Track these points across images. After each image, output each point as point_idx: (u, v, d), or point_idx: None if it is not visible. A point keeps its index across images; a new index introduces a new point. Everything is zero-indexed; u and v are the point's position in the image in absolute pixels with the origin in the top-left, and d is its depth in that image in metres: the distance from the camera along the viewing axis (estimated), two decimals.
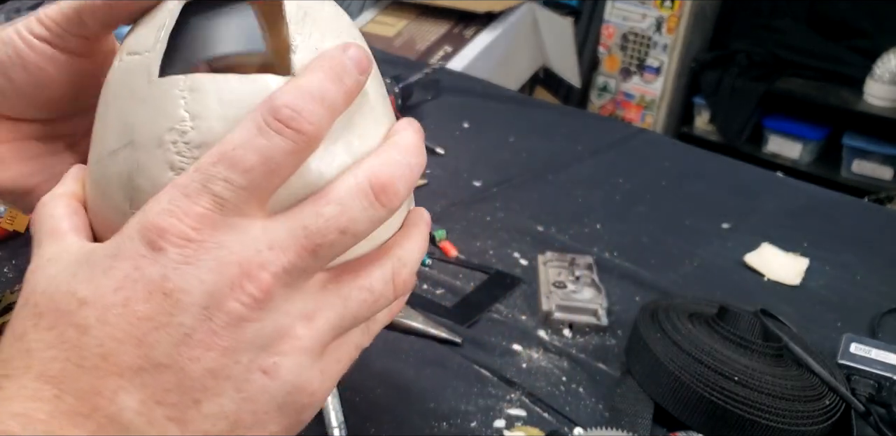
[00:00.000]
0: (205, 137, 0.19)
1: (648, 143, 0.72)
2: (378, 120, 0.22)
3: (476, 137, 0.69)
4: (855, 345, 0.39)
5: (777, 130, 1.68)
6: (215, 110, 0.19)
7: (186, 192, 0.17)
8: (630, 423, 0.34)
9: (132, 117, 0.20)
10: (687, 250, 0.52)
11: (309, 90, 0.18)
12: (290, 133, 0.18)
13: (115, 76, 0.22)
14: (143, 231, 0.17)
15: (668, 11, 1.67)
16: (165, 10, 0.22)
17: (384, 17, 1.68)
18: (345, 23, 0.23)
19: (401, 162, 0.20)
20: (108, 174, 0.21)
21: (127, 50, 0.22)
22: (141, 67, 0.21)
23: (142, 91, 0.20)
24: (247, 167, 0.17)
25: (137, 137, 0.20)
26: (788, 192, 0.63)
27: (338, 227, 0.18)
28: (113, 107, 0.21)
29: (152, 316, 0.17)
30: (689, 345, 0.35)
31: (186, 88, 0.19)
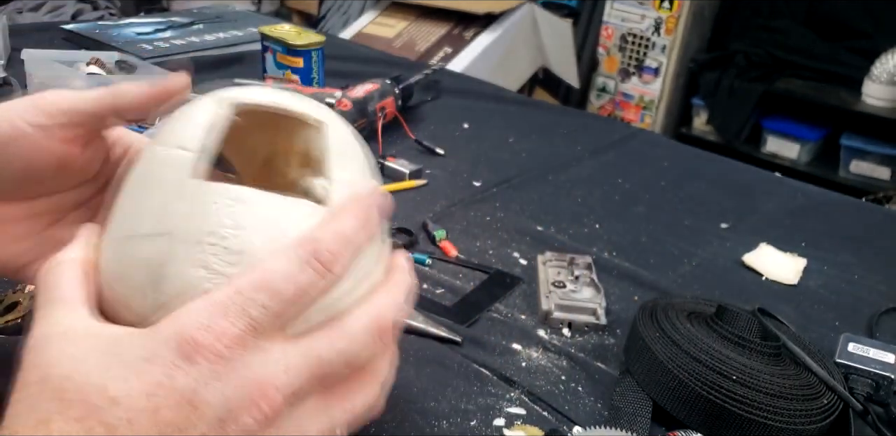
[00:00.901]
0: (243, 247, 0.21)
1: (647, 143, 0.72)
2: (382, 249, 0.25)
3: (476, 137, 0.70)
4: (853, 344, 0.39)
5: (775, 131, 1.68)
6: (257, 225, 0.21)
7: (226, 312, 0.19)
8: (629, 422, 0.34)
9: (173, 210, 0.21)
10: (685, 250, 0.52)
11: (346, 236, 0.21)
12: (327, 273, 0.21)
13: (155, 164, 0.23)
14: (181, 342, 0.19)
15: (666, 12, 1.67)
16: (217, 114, 0.23)
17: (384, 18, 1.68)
18: (370, 162, 0.26)
19: (400, 304, 0.24)
20: (135, 255, 0.22)
21: (173, 143, 0.23)
22: (187, 164, 0.22)
23: (188, 188, 0.22)
24: (284, 298, 0.20)
25: (176, 231, 0.21)
26: (787, 192, 0.63)
27: (346, 360, 0.22)
28: (152, 194, 0.22)
29: (177, 423, 0.18)
30: (688, 344, 0.35)
31: (234, 198, 0.21)
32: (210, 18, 0.95)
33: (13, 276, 0.28)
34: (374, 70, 0.77)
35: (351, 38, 1.58)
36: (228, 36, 0.88)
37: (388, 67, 0.82)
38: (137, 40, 0.83)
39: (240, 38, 0.88)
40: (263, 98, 0.24)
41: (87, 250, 0.23)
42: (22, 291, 0.39)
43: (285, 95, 0.25)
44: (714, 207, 0.59)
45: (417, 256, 0.47)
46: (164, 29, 0.88)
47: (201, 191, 0.21)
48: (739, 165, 0.68)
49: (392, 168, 0.59)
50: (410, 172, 0.58)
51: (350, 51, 0.95)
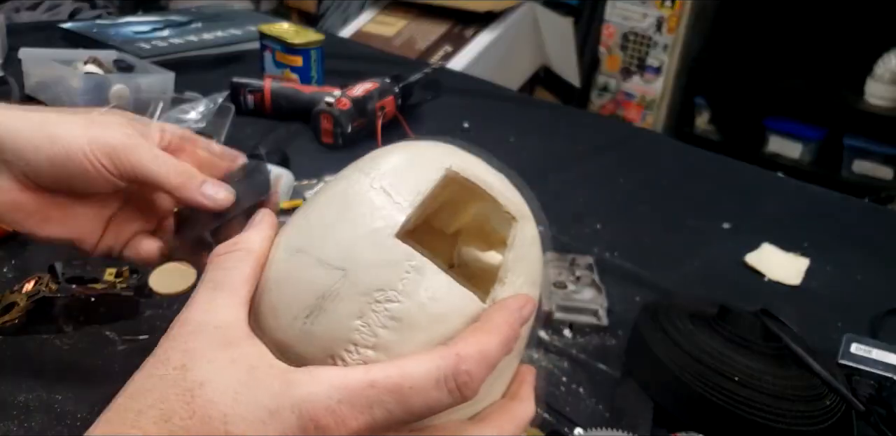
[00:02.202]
0: (402, 315, 0.21)
1: (649, 142, 0.72)
2: (515, 359, 0.25)
3: (476, 136, 0.69)
4: (855, 345, 0.39)
5: (777, 130, 1.68)
6: (422, 299, 0.22)
7: (354, 402, 0.20)
8: (630, 423, 0.34)
9: (357, 251, 0.22)
10: (687, 250, 0.52)
11: (488, 357, 0.21)
12: (458, 395, 0.21)
13: (360, 194, 0.23)
14: (303, 413, 0.20)
15: (668, 11, 1.67)
16: (433, 175, 0.24)
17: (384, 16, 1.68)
18: (541, 267, 0.27)
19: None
20: (304, 276, 0.22)
21: (381, 182, 0.23)
22: (392, 215, 0.22)
23: (380, 238, 0.22)
24: (410, 409, 0.20)
25: (352, 273, 0.22)
26: (789, 192, 0.63)
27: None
28: (346, 224, 0.22)
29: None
30: (690, 345, 0.35)
31: (414, 267, 0.22)
32: (208, 17, 0.95)
33: (71, 243, 0.31)
34: (374, 69, 0.77)
35: (350, 36, 1.58)
36: (227, 35, 0.88)
37: (388, 66, 0.82)
38: (135, 39, 0.83)
39: (238, 36, 0.88)
40: (482, 177, 0.25)
41: (264, 246, 0.24)
42: (20, 291, 0.38)
43: (495, 178, 0.26)
44: (716, 207, 0.58)
45: None
46: (161, 28, 0.88)
47: (391, 246, 0.22)
48: (741, 165, 0.68)
49: None
50: None
51: (349, 49, 0.94)
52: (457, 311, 0.22)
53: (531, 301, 0.23)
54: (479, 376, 0.21)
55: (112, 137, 0.28)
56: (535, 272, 0.25)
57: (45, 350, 0.36)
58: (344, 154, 0.63)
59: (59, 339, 0.37)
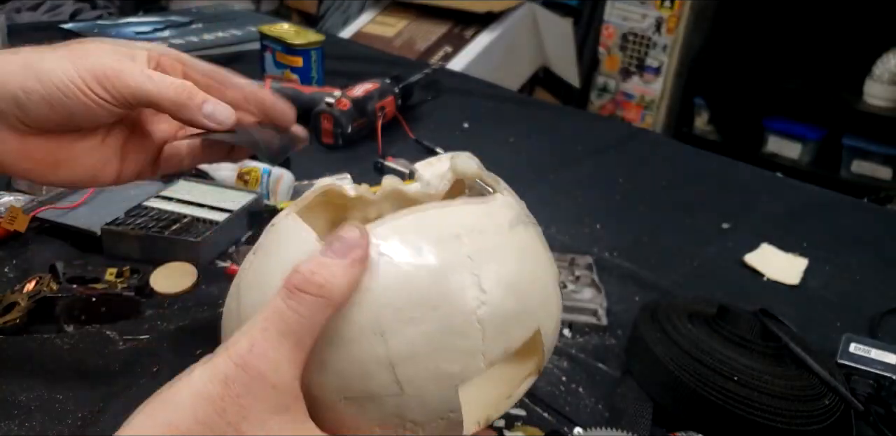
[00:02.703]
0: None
1: (648, 143, 0.72)
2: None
3: (476, 137, 0.69)
4: (854, 345, 0.39)
5: (776, 131, 1.68)
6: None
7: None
8: (630, 422, 0.34)
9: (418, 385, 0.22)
10: (687, 250, 0.52)
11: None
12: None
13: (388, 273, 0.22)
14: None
15: (667, 12, 1.67)
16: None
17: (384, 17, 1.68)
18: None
19: None
20: (364, 370, 0.21)
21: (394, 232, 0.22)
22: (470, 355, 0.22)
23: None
24: None
25: (408, 397, 0.21)
26: (788, 192, 0.63)
27: None
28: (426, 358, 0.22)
29: None
30: (689, 345, 0.35)
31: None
32: (209, 17, 0.95)
33: (88, 184, 0.31)
34: (374, 69, 0.77)
35: (350, 37, 1.58)
36: (227, 35, 0.88)
37: (388, 67, 0.82)
38: (136, 39, 0.83)
39: (239, 37, 0.88)
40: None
41: (348, 292, 0.21)
42: (21, 291, 0.38)
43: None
44: (715, 207, 0.58)
45: None
46: (162, 28, 0.88)
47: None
48: (740, 165, 0.68)
49: (392, 168, 0.59)
50: (410, 172, 0.58)
51: (349, 50, 0.95)
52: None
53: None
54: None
55: (101, 64, 0.27)
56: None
57: (45, 350, 0.36)
58: (344, 154, 0.63)
59: (59, 339, 0.37)
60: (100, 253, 0.44)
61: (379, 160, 0.59)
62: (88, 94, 0.27)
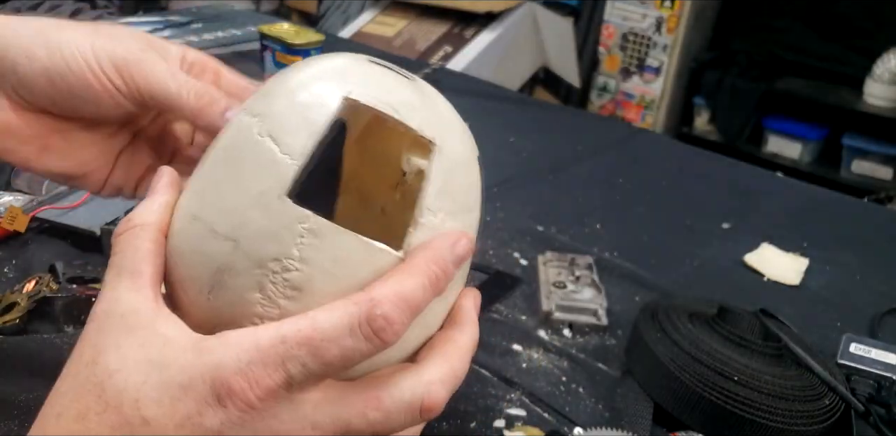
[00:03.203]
0: (303, 284, 0.20)
1: (648, 143, 0.72)
2: (453, 291, 0.23)
3: (476, 137, 0.69)
4: (855, 345, 0.39)
5: (777, 130, 1.68)
6: (324, 265, 0.20)
7: (266, 361, 0.19)
8: (630, 423, 0.34)
9: (247, 218, 0.20)
10: (687, 250, 0.52)
11: (408, 301, 0.20)
12: (377, 341, 0.19)
13: (246, 147, 0.21)
14: (216, 382, 0.19)
15: (668, 11, 1.67)
16: (324, 110, 0.21)
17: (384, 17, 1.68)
18: (476, 186, 0.24)
19: (458, 375, 0.22)
20: (201, 246, 0.21)
21: (270, 129, 0.21)
22: (279, 171, 0.20)
23: (268, 201, 0.20)
24: (326, 360, 0.19)
25: (244, 243, 0.20)
26: (788, 192, 0.63)
27: (375, 431, 0.20)
28: (233, 188, 0.21)
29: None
30: (689, 345, 0.35)
31: (309, 230, 0.20)
32: (209, 17, 0.95)
33: (73, 181, 0.28)
34: None
35: (350, 37, 1.58)
36: (227, 35, 0.88)
37: None
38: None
39: (239, 37, 0.88)
40: (381, 101, 0.21)
41: (163, 213, 0.22)
42: (20, 291, 0.38)
43: (405, 93, 0.22)
44: (715, 207, 0.58)
45: None
46: (162, 28, 0.88)
47: (280, 210, 0.20)
48: (741, 165, 0.68)
49: None
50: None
51: (349, 50, 0.94)
52: (369, 270, 0.20)
53: (464, 236, 0.21)
54: (397, 319, 0.19)
55: (124, 48, 0.24)
56: (467, 198, 0.23)
57: (45, 350, 0.36)
58: None
59: (59, 339, 0.37)
60: (100, 253, 0.44)
61: None
62: (99, 77, 0.24)
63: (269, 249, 0.20)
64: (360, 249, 0.20)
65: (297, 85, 0.22)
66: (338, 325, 0.19)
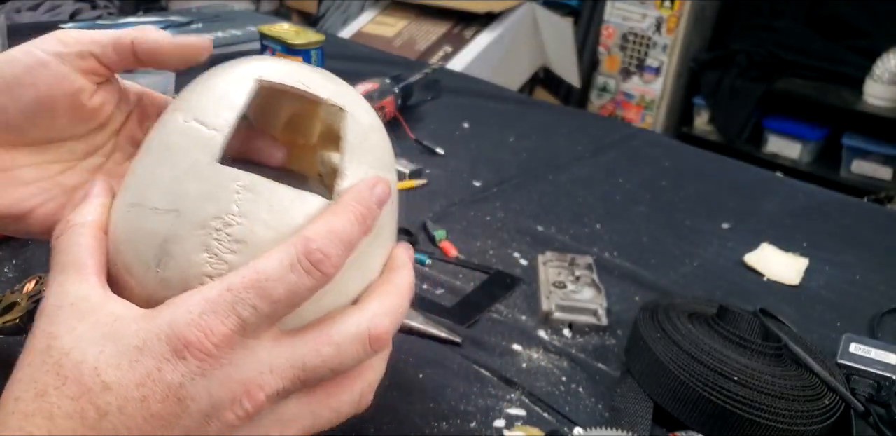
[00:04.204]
0: (246, 236, 0.21)
1: (648, 143, 0.72)
2: (385, 241, 0.25)
3: (476, 137, 0.69)
4: (854, 345, 0.39)
5: (777, 130, 1.68)
6: (263, 216, 0.21)
7: (216, 309, 0.20)
8: (630, 423, 0.34)
9: (184, 189, 0.22)
10: (687, 250, 0.52)
11: (338, 234, 0.21)
12: (317, 274, 0.20)
13: (174, 135, 0.23)
14: (171, 337, 0.19)
15: (667, 12, 1.67)
16: (241, 90, 0.23)
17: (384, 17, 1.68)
18: (388, 149, 0.26)
19: (398, 309, 0.23)
20: (144, 227, 0.22)
21: (193, 114, 0.23)
22: (206, 143, 0.22)
23: (201, 169, 0.22)
24: (274, 299, 0.20)
25: (184, 210, 0.21)
26: (788, 192, 0.63)
27: (330, 366, 0.22)
28: (167, 166, 0.22)
29: (163, 416, 0.19)
30: (689, 345, 0.35)
31: (244, 186, 0.21)
32: (209, 17, 0.95)
33: (14, 223, 0.26)
34: (374, 69, 0.77)
35: (350, 37, 1.58)
36: (227, 35, 0.88)
37: (388, 67, 0.82)
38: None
39: (239, 37, 0.88)
40: (290, 77, 0.24)
41: (101, 213, 0.23)
42: (20, 291, 0.38)
43: (312, 75, 0.25)
44: (715, 207, 0.59)
45: (418, 257, 0.47)
46: (162, 28, 0.88)
47: (213, 174, 0.21)
48: (740, 165, 0.68)
49: None
50: (410, 172, 0.58)
51: (349, 50, 0.95)
52: (302, 215, 0.21)
53: (382, 180, 0.23)
54: (332, 251, 0.21)
55: (51, 33, 0.24)
56: (382, 157, 0.25)
57: None
58: None
59: None
60: None
61: None
62: (49, 52, 0.24)
63: (209, 209, 0.21)
64: (293, 198, 0.22)
65: (215, 78, 0.24)
66: (278, 265, 0.20)
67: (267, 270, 0.20)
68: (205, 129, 0.22)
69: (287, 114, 0.30)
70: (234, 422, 0.20)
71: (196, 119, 0.23)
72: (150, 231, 0.22)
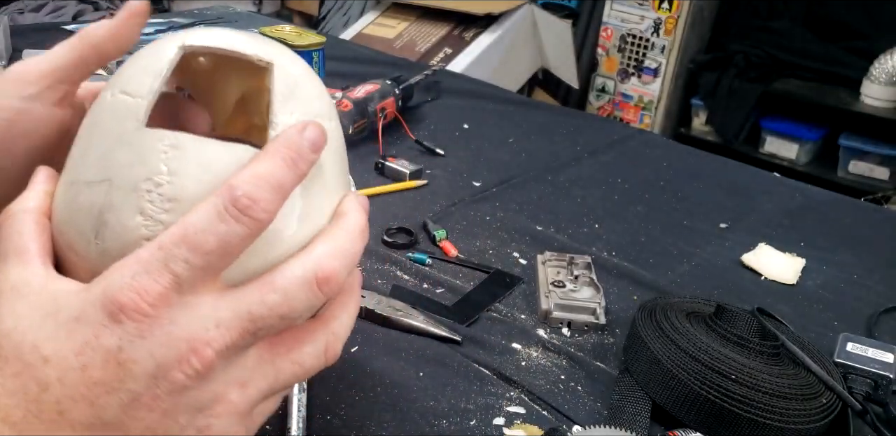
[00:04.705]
0: (177, 193, 0.21)
1: (646, 143, 0.73)
2: (330, 188, 0.24)
3: (476, 137, 0.70)
4: (851, 344, 0.39)
5: (774, 131, 1.69)
6: (192, 171, 0.21)
7: (149, 268, 0.19)
8: (628, 421, 0.34)
9: (114, 157, 0.21)
10: (685, 250, 0.52)
11: (266, 178, 0.20)
12: (247, 220, 0.19)
13: (104, 111, 0.23)
14: (105, 302, 0.19)
15: (665, 13, 1.67)
16: (164, 57, 0.23)
17: (385, 18, 1.68)
18: (324, 99, 0.25)
19: (347, 250, 0.22)
20: (80, 202, 0.22)
21: (119, 87, 0.23)
22: (131, 111, 0.22)
23: (128, 135, 0.22)
24: (206, 250, 0.19)
25: (115, 178, 0.21)
26: (785, 192, 0.64)
27: (279, 314, 0.20)
28: (97, 140, 0.22)
29: (106, 382, 0.19)
30: (687, 343, 0.35)
31: (170, 145, 0.21)
32: (211, 19, 0.95)
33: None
34: (375, 71, 0.77)
35: (351, 38, 1.58)
36: None
37: (389, 68, 0.82)
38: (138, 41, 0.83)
39: None
40: (212, 40, 0.23)
41: (44, 199, 0.23)
42: None
43: (239, 36, 0.24)
44: (713, 207, 0.59)
45: (418, 256, 0.47)
46: (165, 30, 0.88)
47: (140, 138, 0.21)
48: (738, 166, 0.69)
49: (392, 168, 0.59)
50: (410, 173, 0.59)
51: (350, 51, 0.95)
52: (234, 166, 0.21)
53: (313, 123, 0.22)
54: (259, 195, 0.19)
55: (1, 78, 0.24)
56: (316, 106, 0.24)
57: None
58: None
59: None
60: None
61: (380, 160, 0.60)
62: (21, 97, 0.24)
63: (138, 172, 0.21)
64: (221, 151, 0.21)
65: (140, 52, 0.24)
66: (206, 216, 0.19)
67: (195, 222, 0.19)
68: (130, 98, 0.22)
69: (237, 93, 0.29)
70: (185, 381, 0.19)
71: (122, 91, 0.22)
72: (86, 204, 0.21)
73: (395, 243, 0.49)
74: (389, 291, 0.43)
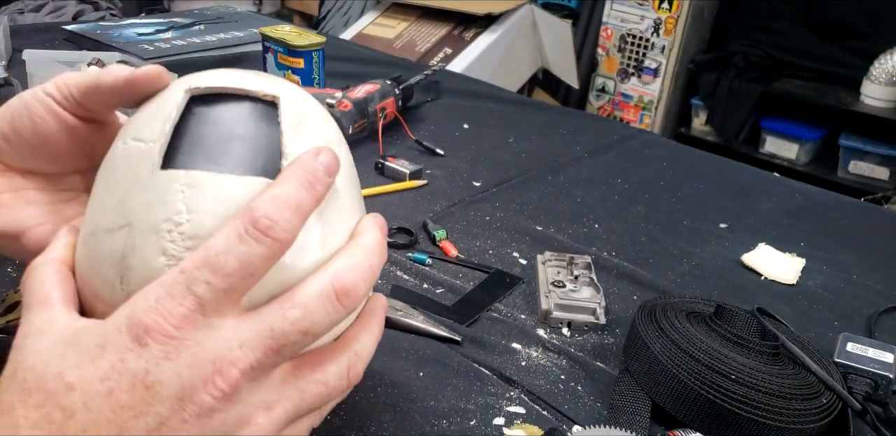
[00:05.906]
0: (197, 230, 0.21)
1: (646, 143, 0.73)
2: (347, 212, 0.25)
3: (476, 137, 0.70)
4: (851, 344, 0.39)
5: (774, 131, 1.69)
6: (209, 207, 0.21)
7: (172, 292, 0.19)
8: (628, 421, 0.34)
9: (132, 202, 0.22)
10: (684, 250, 0.52)
11: (285, 200, 0.20)
12: (268, 241, 0.20)
13: (117, 158, 0.23)
14: (131, 326, 0.19)
15: (665, 13, 1.68)
16: (172, 101, 0.24)
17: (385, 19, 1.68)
18: (332, 128, 0.26)
19: (364, 265, 0.22)
20: (102, 250, 0.22)
21: (131, 135, 0.23)
22: (145, 156, 0.22)
23: (144, 179, 0.22)
24: (228, 272, 0.19)
25: (135, 222, 0.22)
26: (785, 192, 0.64)
27: (301, 329, 0.21)
28: (113, 188, 0.23)
29: (133, 405, 0.19)
30: (687, 343, 0.35)
31: (186, 184, 0.22)
32: (211, 19, 0.95)
33: (11, 242, 0.27)
34: (375, 71, 0.77)
35: (351, 38, 1.58)
36: (229, 37, 0.89)
37: (389, 68, 0.82)
38: (138, 41, 0.84)
39: (241, 38, 0.88)
40: (217, 81, 0.24)
41: (65, 250, 0.24)
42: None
43: (241, 75, 0.25)
44: (713, 207, 0.59)
45: (418, 256, 0.47)
46: (165, 29, 0.89)
47: (156, 180, 0.22)
48: (738, 166, 0.69)
49: (392, 168, 0.59)
50: (411, 173, 0.59)
51: (351, 51, 0.95)
52: (246, 199, 0.21)
53: (325, 148, 0.22)
54: (278, 216, 0.20)
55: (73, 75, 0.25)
56: (324, 135, 0.25)
57: None
58: None
59: None
60: None
61: (380, 160, 0.60)
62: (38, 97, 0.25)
63: (158, 214, 0.21)
64: (236, 185, 0.22)
65: (150, 101, 0.25)
66: (226, 238, 0.20)
67: (216, 245, 0.19)
68: (142, 144, 0.23)
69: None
70: (212, 403, 0.19)
71: (134, 138, 0.23)
72: (108, 251, 0.22)
73: (395, 243, 0.49)
74: (389, 291, 0.43)
